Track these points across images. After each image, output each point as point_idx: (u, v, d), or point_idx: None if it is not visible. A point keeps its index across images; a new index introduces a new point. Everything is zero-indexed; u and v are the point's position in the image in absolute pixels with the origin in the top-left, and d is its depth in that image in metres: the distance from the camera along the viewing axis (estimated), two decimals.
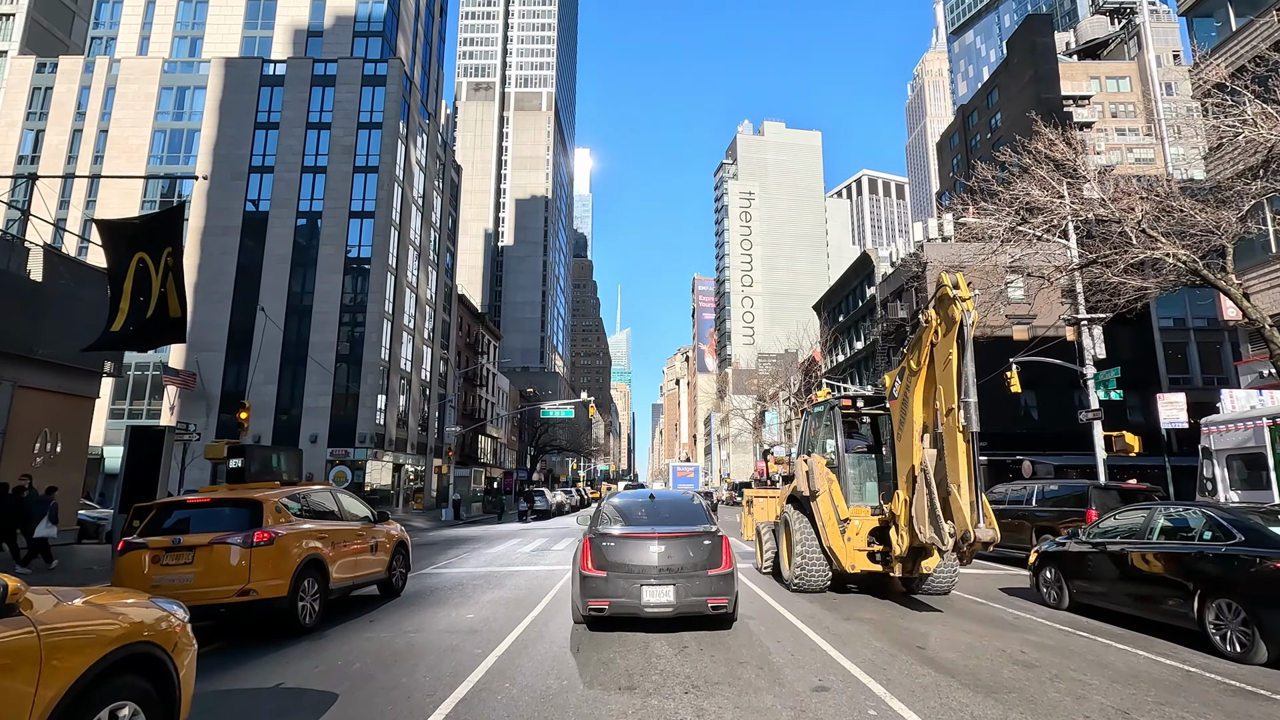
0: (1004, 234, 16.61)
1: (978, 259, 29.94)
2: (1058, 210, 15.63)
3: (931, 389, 9.27)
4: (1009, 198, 15.96)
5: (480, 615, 8.97)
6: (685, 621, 7.81)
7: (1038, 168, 15.57)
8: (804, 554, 10.61)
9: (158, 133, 44.07)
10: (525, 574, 13.36)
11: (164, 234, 16.35)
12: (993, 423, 39.05)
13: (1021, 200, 15.53)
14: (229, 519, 7.74)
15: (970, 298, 8.58)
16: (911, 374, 9.65)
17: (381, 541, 10.24)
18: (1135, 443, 17.84)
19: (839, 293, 58.68)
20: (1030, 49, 74.56)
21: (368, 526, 10.01)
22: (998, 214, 16.16)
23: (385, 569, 10.34)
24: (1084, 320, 18.59)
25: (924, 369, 9.34)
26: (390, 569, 10.50)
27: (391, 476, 44.09)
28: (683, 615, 7.30)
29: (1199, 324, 40.26)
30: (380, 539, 10.21)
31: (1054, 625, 8.50)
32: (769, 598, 10.34)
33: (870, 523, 10.46)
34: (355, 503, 10.23)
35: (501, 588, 11.54)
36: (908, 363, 9.90)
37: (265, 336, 39.24)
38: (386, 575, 10.39)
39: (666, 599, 7.13)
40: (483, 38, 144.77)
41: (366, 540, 9.73)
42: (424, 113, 50.43)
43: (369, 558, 9.74)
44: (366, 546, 9.69)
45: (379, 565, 10.12)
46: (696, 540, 7.47)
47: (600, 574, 7.28)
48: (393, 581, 10.62)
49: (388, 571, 10.42)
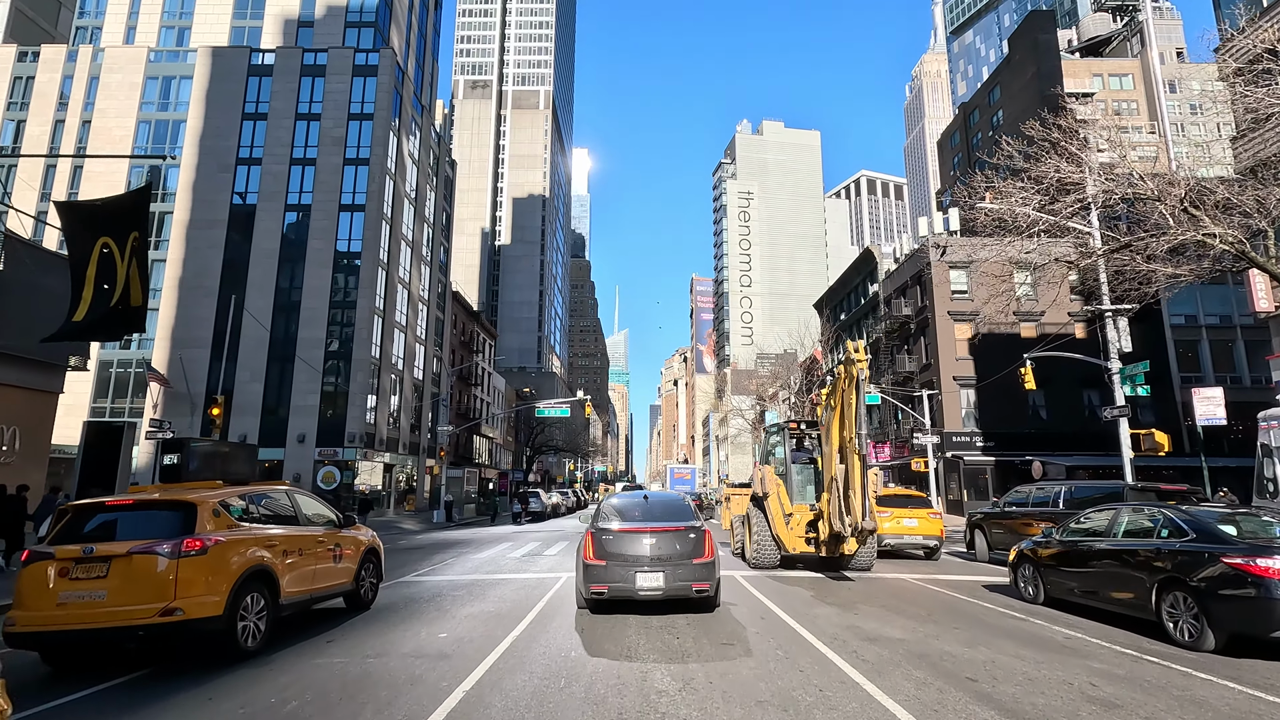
0: (1032, 214, 15.45)
1: (984, 250, 28.78)
2: (1091, 186, 14.53)
3: (840, 421, 12.47)
4: (1037, 175, 14.81)
5: (455, 634, 7.85)
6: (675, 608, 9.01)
7: (1068, 142, 14.47)
8: (759, 540, 13.97)
9: (142, 123, 42.86)
10: (512, 583, 12.24)
11: (130, 216, 15.14)
12: (999, 423, 38.04)
13: (1051, 178, 14.40)
14: (157, 524, 6.62)
15: (865, 360, 12.09)
16: (829, 409, 12.92)
17: (347, 549, 9.12)
18: (1165, 441, 16.77)
19: (840, 290, 57.63)
20: (1033, 46, 73.58)
21: (332, 532, 8.89)
22: (1024, 194, 15.02)
23: (352, 579, 9.22)
24: (1109, 311, 17.52)
25: (837, 407, 12.56)
26: (358, 579, 9.38)
27: (382, 477, 42.91)
28: (670, 598, 8.51)
29: (1211, 321, 39.27)
30: (346, 546, 9.09)
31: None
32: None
33: (808, 516, 13.61)
34: (317, 505, 9.11)
35: (484, 599, 10.42)
36: (827, 401, 13.07)
37: (252, 333, 38.07)
38: (353, 586, 9.27)
39: (657, 584, 8.30)
40: (480, 35, 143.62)
41: (328, 547, 8.60)
42: (417, 105, 49.29)
43: (331, 567, 8.61)
44: (328, 554, 8.56)
45: (344, 576, 8.99)
46: (683, 534, 8.61)
47: (600, 563, 8.43)
48: (361, 593, 9.49)
49: (354, 582, 9.29)
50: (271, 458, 38.63)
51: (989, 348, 38.68)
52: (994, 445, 37.67)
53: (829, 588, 11.52)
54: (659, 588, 8.27)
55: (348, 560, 9.12)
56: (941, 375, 38.62)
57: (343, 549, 8.99)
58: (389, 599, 10.55)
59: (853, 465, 12.05)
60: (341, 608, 9.56)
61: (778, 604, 9.78)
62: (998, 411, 37.83)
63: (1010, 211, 17.16)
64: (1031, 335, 39.01)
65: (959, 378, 38.69)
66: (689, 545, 8.55)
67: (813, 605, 9.71)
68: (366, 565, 9.73)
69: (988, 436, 37.83)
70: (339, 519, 9.29)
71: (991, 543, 16.18)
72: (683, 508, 9.42)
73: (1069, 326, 39.09)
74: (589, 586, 8.43)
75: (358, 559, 9.41)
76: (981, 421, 38.25)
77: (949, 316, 39.44)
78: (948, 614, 9.14)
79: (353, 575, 9.26)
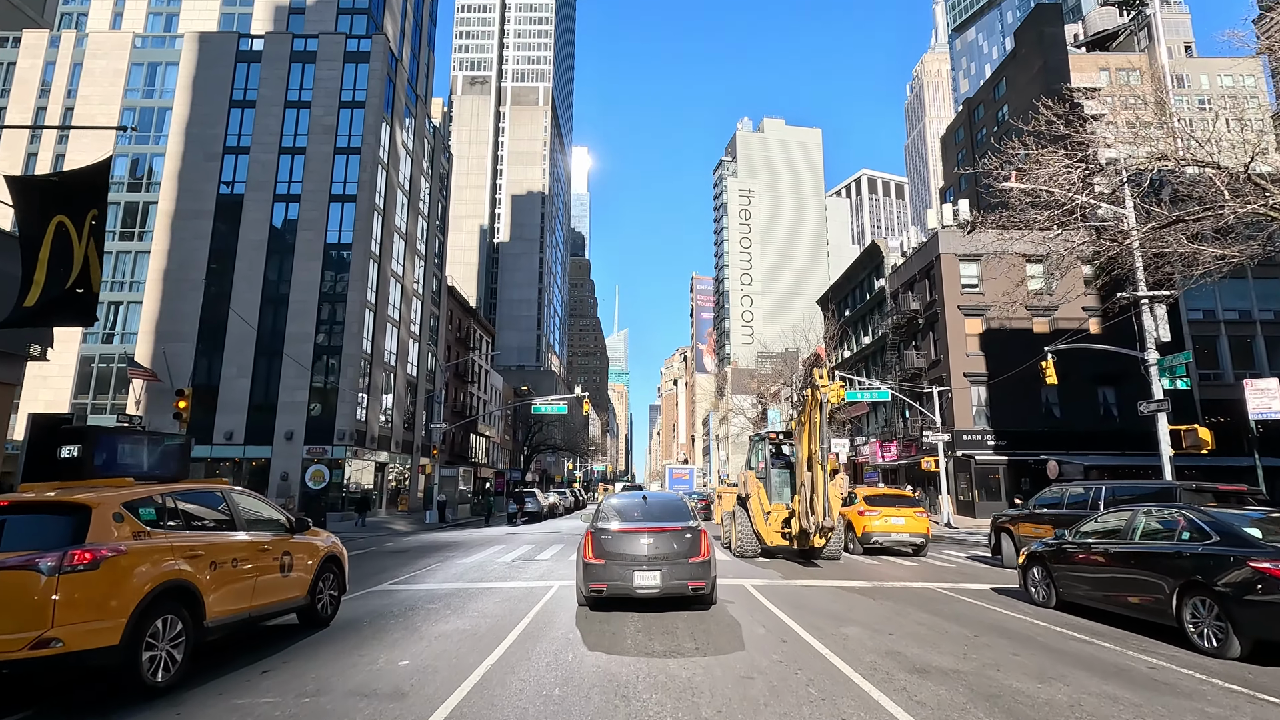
0: (1064, 191, 14.14)
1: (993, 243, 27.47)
2: (1135, 150, 13.24)
3: (808, 435, 14.58)
4: (1080, 140, 13.46)
5: (419, 662, 6.57)
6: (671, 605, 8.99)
7: (1119, 110, 13.19)
8: (742, 534, 16.24)
9: (127, 110, 41.54)
10: (497, 594, 10.96)
11: (88, 193, 13.78)
12: (1012, 421, 36.68)
13: (1095, 147, 13.07)
14: (40, 532, 5.33)
15: (828, 386, 14.56)
16: (800, 425, 15.26)
17: (299, 557, 7.84)
18: (1209, 437, 15.48)
19: (845, 286, 56.35)
20: (1039, 39, 72.36)
21: (280, 538, 7.61)
22: (1063, 163, 13.69)
23: (305, 592, 7.95)
24: (1145, 298, 16.23)
25: (806, 424, 14.77)
26: (313, 592, 8.11)
27: (374, 476, 41.63)
28: (667, 596, 8.64)
29: (1230, 316, 37.99)
30: (298, 554, 7.82)
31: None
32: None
33: (784, 514, 15.84)
34: (262, 506, 7.83)
35: (461, 614, 9.14)
36: (799, 417, 15.62)
37: (239, 327, 36.77)
38: (307, 601, 7.99)
39: (654, 582, 8.47)
40: (479, 31, 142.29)
41: (274, 556, 7.33)
42: (411, 94, 47.99)
43: (277, 579, 7.33)
44: (273, 565, 7.29)
45: (295, 588, 7.72)
46: (680, 534, 8.80)
47: (599, 561, 8.63)
48: (318, 608, 8.22)
49: (309, 596, 8.02)
50: (259, 456, 37.38)
51: (1001, 343, 37.40)
52: (1006, 444, 36.38)
53: (826, 586, 10.29)
54: (656, 586, 8.44)
55: (300, 570, 7.85)
56: (952, 372, 37.34)
57: (294, 557, 7.72)
58: (354, 613, 9.28)
59: (816, 474, 14.23)
60: (295, 624, 8.29)
61: (799, 623, 8.52)
62: (1010, 409, 36.55)
63: (1039, 191, 15.88)
64: (1045, 330, 37.74)
65: (969, 374, 37.41)
66: (685, 544, 8.71)
67: (836, 621, 8.46)
68: (325, 576, 8.46)
69: (999, 435, 36.53)
70: (290, 522, 8.01)
71: (1020, 546, 14.92)
72: (680, 508, 9.58)
73: (1085, 322, 37.81)
74: (588, 584, 8.64)
75: (313, 569, 8.13)
76: (993, 420, 36.97)
77: (959, 311, 38.16)
78: (958, 622, 7.87)
79: (307, 587, 7.99)
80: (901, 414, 43.67)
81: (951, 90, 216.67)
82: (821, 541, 14.88)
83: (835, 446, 47.24)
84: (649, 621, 8.40)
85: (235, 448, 37.08)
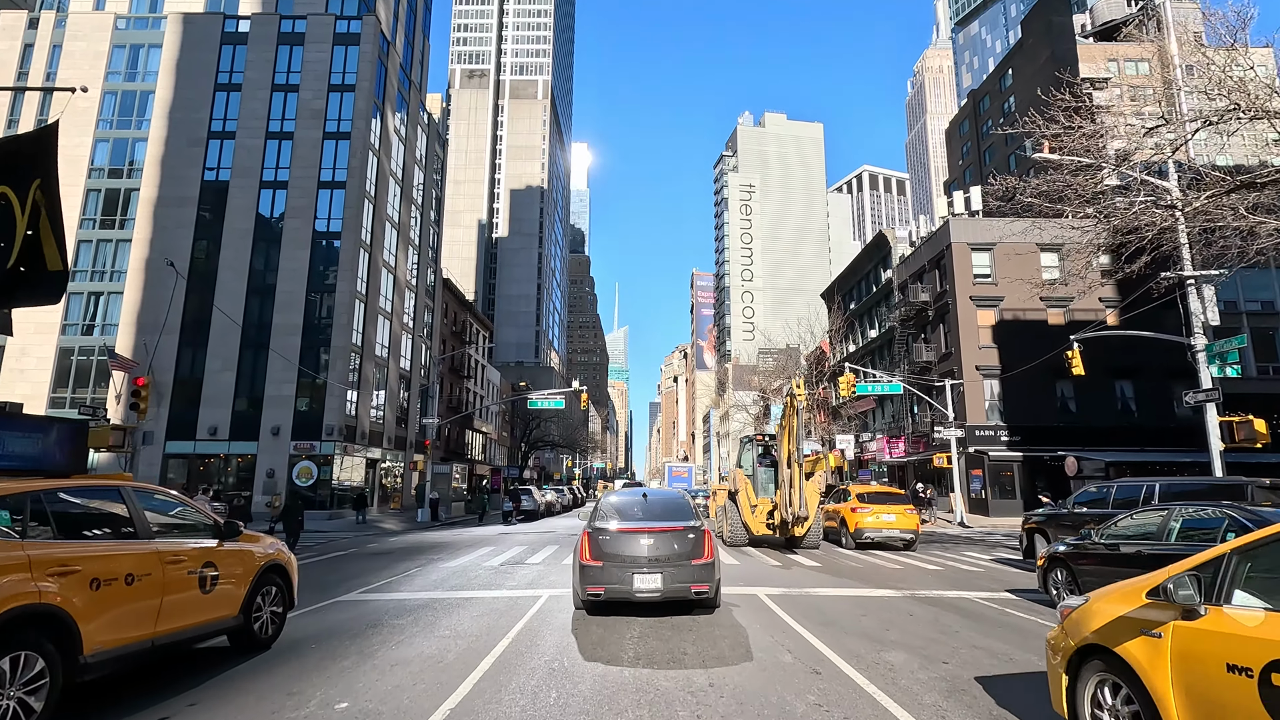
0: (1107, 162, 12.77)
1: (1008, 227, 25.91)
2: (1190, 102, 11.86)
3: (788, 437, 16.69)
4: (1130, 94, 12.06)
5: (361, 704, 5.21)
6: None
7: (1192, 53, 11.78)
8: (732, 525, 18.25)
9: (108, 94, 40.05)
10: (477, 605, 9.60)
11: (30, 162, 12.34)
12: (1024, 416, 35.24)
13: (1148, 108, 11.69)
14: None
15: (804, 394, 19.58)
16: (782, 429, 17.20)
17: (229, 569, 6.47)
18: (1264, 429, 14.12)
19: (851, 278, 54.95)
20: (1046, 28, 71.01)
21: (203, 547, 6.25)
22: (1111, 122, 12.30)
23: (237, 610, 6.58)
24: (1191, 279, 14.86)
25: (787, 428, 16.81)
26: (248, 610, 6.74)
27: (365, 473, 40.27)
28: (669, 600, 8.11)
29: (1252, 307, 36.60)
30: (227, 565, 6.45)
31: None
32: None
33: (768, 507, 17.83)
34: (179, 508, 6.47)
35: (432, 632, 7.78)
36: (781, 422, 17.49)
37: (224, 319, 35.37)
38: (240, 620, 6.63)
39: (654, 585, 7.97)
40: (477, 24, 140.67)
41: (191, 569, 5.96)
42: (404, 79, 46.52)
43: (195, 598, 5.97)
44: (189, 580, 5.92)
45: (223, 607, 6.35)
46: (682, 534, 8.30)
47: (597, 564, 8.15)
48: (254, 628, 6.85)
49: (242, 614, 6.65)
50: (244, 452, 36.01)
51: (1014, 335, 36.05)
52: (1020, 440, 35.01)
53: (849, 596, 8.95)
54: (656, 589, 7.98)
55: (230, 584, 6.48)
56: (963, 364, 35.97)
57: (220, 569, 6.35)
58: (305, 631, 7.92)
59: (794, 471, 16.41)
60: (224, 648, 6.92)
61: (808, 628, 7.15)
62: (1024, 403, 35.18)
63: (1072, 163, 14.49)
64: (1060, 322, 36.37)
65: (982, 367, 36.04)
66: (688, 545, 8.25)
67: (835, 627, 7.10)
68: (265, 589, 7.09)
69: (1013, 430, 35.15)
70: (219, 527, 6.64)
71: None
72: (682, 507, 9.09)
73: (1102, 313, 36.41)
74: (585, 588, 8.17)
75: (247, 582, 6.76)
76: (1006, 414, 35.59)
77: (971, 302, 36.77)
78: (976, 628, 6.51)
79: (239, 605, 6.62)
80: (910, 409, 42.31)
81: (954, 85, 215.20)
82: (801, 531, 17.09)
83: (840, 443, 46.06)
84: (650, 647, 7.03)
85: (219, 443, 35.71)
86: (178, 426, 35.75)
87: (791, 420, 16.67)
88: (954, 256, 37.27)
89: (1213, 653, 3.23)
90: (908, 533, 18.13)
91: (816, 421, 54.41)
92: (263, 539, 7.42)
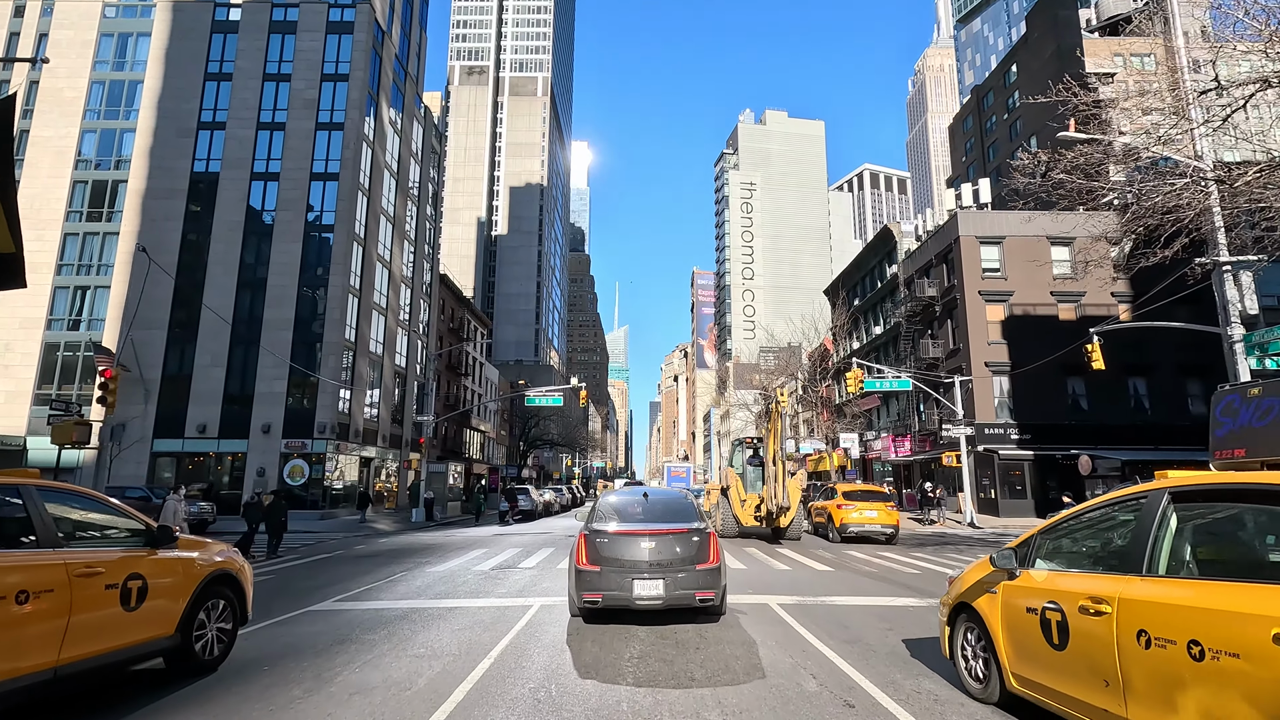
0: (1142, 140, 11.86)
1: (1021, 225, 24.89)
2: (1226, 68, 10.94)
3: (773, 439, 19.47)
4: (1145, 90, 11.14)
5: None
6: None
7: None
8: (724, 518, 20.51)
9: (95, 84, 39.15)
10: (461, 616, 8.69)
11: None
12: (1035, 414, 34.23)
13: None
14: None
15: (786, 402, 23.16)
16: (768, 431, 20.07)
17: (161, 581, 5.56)
18: None
19: (855, 274, 54.03)
20: (1052, 22, 70.04)
21: (128, 555, 5.35)
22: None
23: (173, 629, 5.67)
24: (1227, 265, 13.96)
25: (771, 431, 19.64)
26: (188, 628, 5.83)
27: (359, 472, 39.36)
28: (671, 607, 7.56)
29: (1269, 303, 35.59)
30: (159, 576, 5.54)
31: None
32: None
33: (756, 501, 20.17)
34: (98, 510, 5.56)
35: (405, 650, 6.86)
36: (765, 425, 22.65)
37: (214, 313, 34.46)
38: (176, 640, 5.72)
39: (656, 592, 7.43)
40: (476, 20, 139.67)
41: (110, 582, 5.05)
42: (400, 70, 45.60)
43: (115, 616, 5.06)
44: (107, 595, 5.01)
45: (153, 625, 5.44)
46: (685, 537, 7.77)
47: (594, 568, 7.60)
48: (195, 649, 5.94)
49: (179, 633, 5.74)
50: (234, 450, 35.10)
51: (1024, 331, 35.15)
52: (1031, 438, 34.10)
53: (872, 606, 8.04)
54: (658, 596, 7.43)
55: (163, 599, 5.57)
56: (972, 361, 35.05)
57: (151, 582, 5.44)
58: (263, 648, 7.00)
59: (778, 468, 18.89)
60: (160, 670, 6.01)
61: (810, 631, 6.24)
62: (1034, 401, 34.27)
63: (1107, 143, 13.60)
64: (1071, 318, 35.51)
65: (991, 363, 35.13)
66: (692, 549, 7.69)
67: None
68: (210, 603, 6.18)
69: (1023, 429, 34.23)
70: (149, 532, 5.73)
71: None
72: (686, 507, 8.56)
73: (1114, 308, 35.54)
74: (581, 594, 7.61)
75: (186, 595, 5.85)
76: (1016, 412, 34.68)
77: (980, 296, 35.86)
78: None
79: (175, 622, 5.70)
80: (916, 407, 41.39)
81: (956, 83, 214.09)
82: (785, 521, 19.24)
83: (845, 442, 45.05)
84: (651, 670, 6.12)
85: (209, 441, 34.80)
86: (166, 424, 34.84)
87: (775, 424, 19.48)
88: (962, 250, 36.37)
89: (1020, 600, 4.58)
90: (888, 527, 19.90)
91: (820, 420, 53.47)
92: (210, 545, 6.51)
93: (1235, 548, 3.69)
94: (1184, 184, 12.34)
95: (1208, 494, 3.77)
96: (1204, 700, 3.14)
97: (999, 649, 4.74)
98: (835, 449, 45.33)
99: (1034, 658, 4.36)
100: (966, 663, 5.29)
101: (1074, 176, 12.56)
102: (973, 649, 5.20)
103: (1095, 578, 4.05)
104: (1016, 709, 4.76)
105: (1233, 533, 3.72)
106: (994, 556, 4.90)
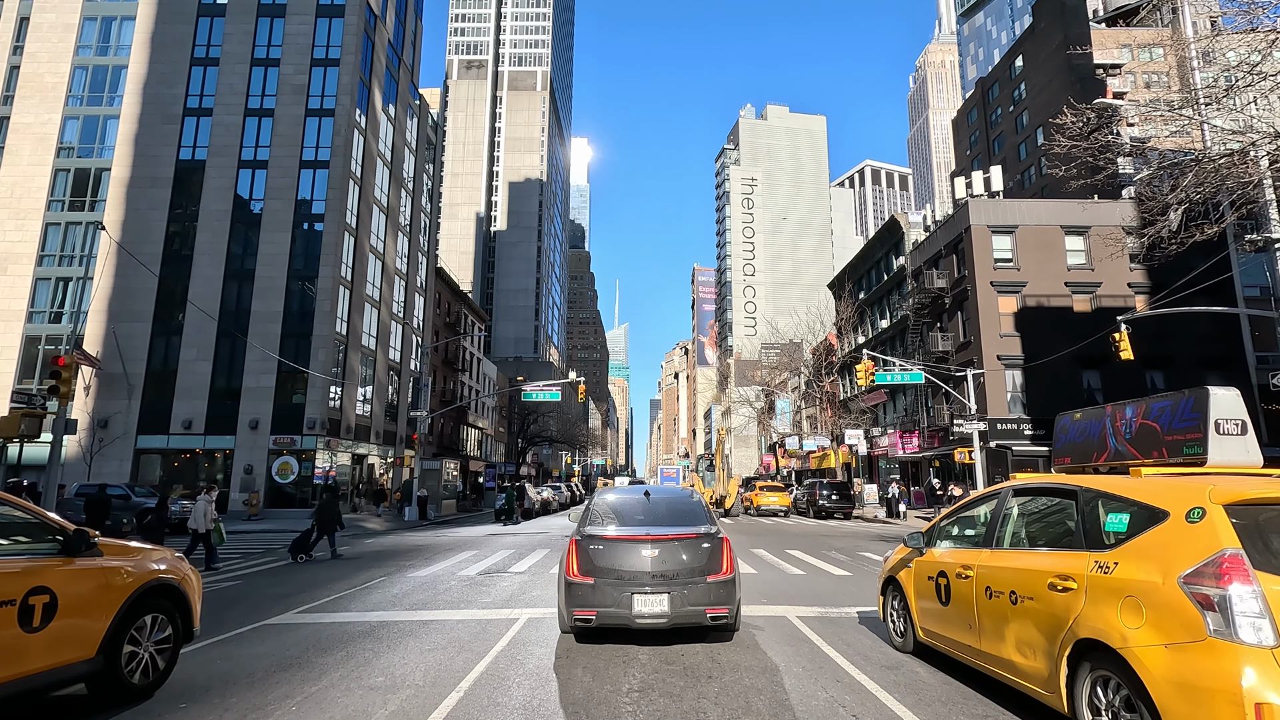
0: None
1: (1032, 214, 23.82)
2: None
3: (720, 456, 45.20)
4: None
5: None
6: None
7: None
8: None
9: (78, 69, 37.96)
10: (437, 631, 7.56)
11: None
12: (1049, 409, 32.91)
13: None
14: None
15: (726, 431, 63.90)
16: (718, 451, 44.91)
17: (76, 595, 4.49)
18: None
19: (861, 266, 52.84)
20: (1059, 11, 68.75)
21: (36, 565, 4.35)
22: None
23: (93, 651, 4.59)
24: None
25: (719, 450, 44.61)
26: (112, 649, 4.74)
27: (351, 469, 38.24)
28: (678, 626, 6.49)
29: None
30: (74, 589, 4.50)
31: None
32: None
33: (709, 494, 37.07)
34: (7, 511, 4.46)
35: (362, 677, 5.73)
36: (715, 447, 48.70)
37: (199, 305, 33.32)
38: (98, 665, 4.62)
39: (660, 609, 6.34)
40: (475, 13, 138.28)
41: (5, 598, 3.97)
42: (394, 57, 44.40)
43: (13, 638, 4.04)
44: (6, 613, 3.91)
45: (66, 649, 4.40)
46: (694, 543, 6.66)
47: (587, 580, 6.52)
48: (123, 672, 4.84)
49: (102, 656, 4.63)
50: (221, 447, 33.99)
51: (1037, 323, 34.03)
52: (1044, 434, 32.89)
53: None
54: (662, 614, 6.33)
55: (79, 616, 4.48)
56: (984, 354, 33.91)
57: (63, 597, 4.36)
58: (206, 669, 5.89)
59: (722, 475, 36.61)
60: (82, 696, 4.89)
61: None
62: (1048, 395, 33.11)
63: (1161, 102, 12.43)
64: (1086, 309, 34.40)
65: (1004, 356, 34.00)
66: (702, 557, 6.59)
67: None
68: (142, 620, 5.07)
69: (1037, 424, 33.08)
70: (64, 536, 4.62)
71: None
72: (693, 508, 7.32)
73: (1130, 299, 34.42)
74: (572, 610, 6.53)
75: (112, 611, 4.75)
76: (1029, 407, 33.55)
77: (992, 288, 34.71)
78: None
79: (97, 643, 4.61)
80: (925, 402, 40.25)
81: (958, 79, 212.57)
82: (728, 505, 33.52)
83: (850, 438, 43.90)
84: (656, 709, 4.99)
85: (195, 438, 33.69)
86: (150, 420, 33.74)
87: (721, 446, 30.73)
88: (973, 240, 35.20)
89: (924, 571, 6.08)
90: (782, 507, 32.97)
91: (824, 417, 52.36)
92: (146, 551, 5.41)
93: (1043, 527, 4.93)
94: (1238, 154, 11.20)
95: (1035, 490, 5.18)
96: (1017, 630, 4.50)
97: (911, 610, 6.24)
98: (840, 445, 44.20)
99: (932, 614, 5.83)
100: (892, 623, 6.77)
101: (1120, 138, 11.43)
102: (896, 612, 6.70)
103: (967, 552, 5.50)
104: (924, 655, 6.30)
105: (1043, 516, 4.99)
106: (907, 539, 6.42)
